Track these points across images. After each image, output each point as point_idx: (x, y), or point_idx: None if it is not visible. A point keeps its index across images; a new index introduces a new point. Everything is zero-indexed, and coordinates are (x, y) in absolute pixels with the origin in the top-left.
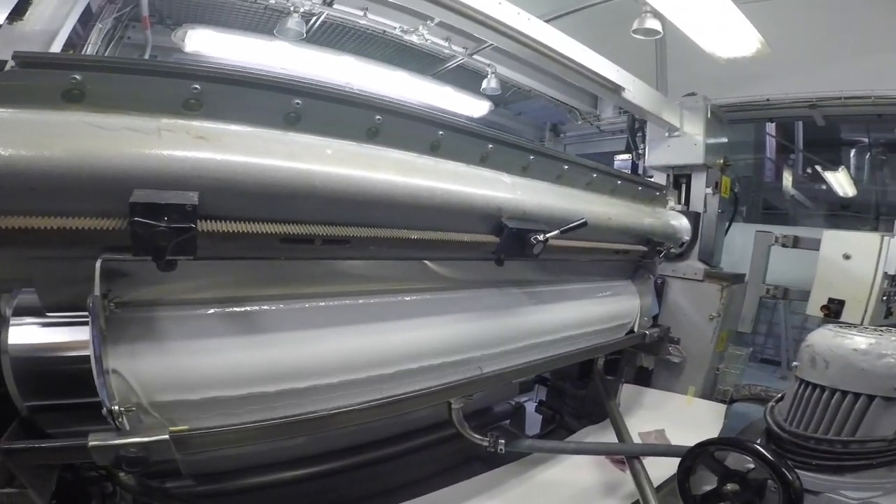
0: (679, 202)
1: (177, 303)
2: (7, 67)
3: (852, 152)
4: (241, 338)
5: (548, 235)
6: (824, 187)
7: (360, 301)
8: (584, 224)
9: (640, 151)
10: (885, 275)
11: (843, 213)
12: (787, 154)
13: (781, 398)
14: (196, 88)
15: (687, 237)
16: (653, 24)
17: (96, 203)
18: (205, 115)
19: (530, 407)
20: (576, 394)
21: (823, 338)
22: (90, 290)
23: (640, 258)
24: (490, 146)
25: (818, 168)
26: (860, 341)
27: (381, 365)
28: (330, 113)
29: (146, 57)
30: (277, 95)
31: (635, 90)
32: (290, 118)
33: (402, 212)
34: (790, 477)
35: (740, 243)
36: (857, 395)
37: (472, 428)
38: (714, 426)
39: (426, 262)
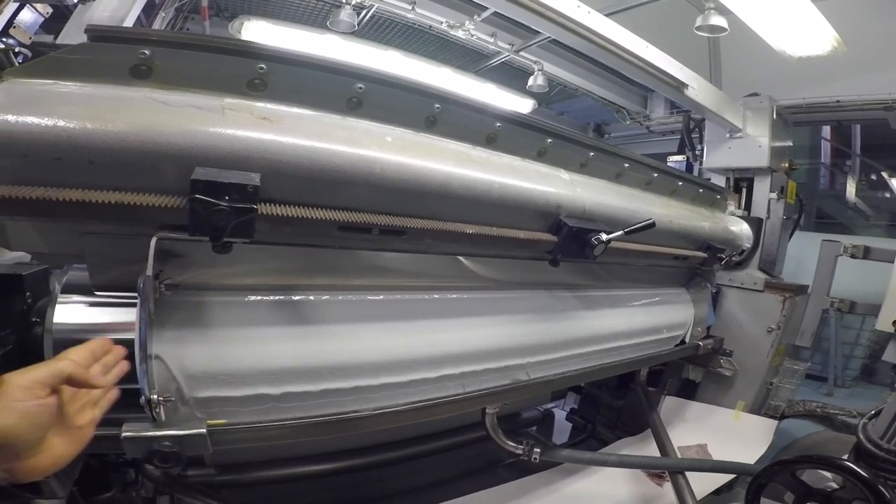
0: (739, 207)
1: (226, 288)
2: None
3: None
4: (289, 328)
5: (611, 236)
6: (888, 195)
7: (412, 297)
8: (652, 225)
9: (697, 152)
10: None
11: None
12: (842, 159)
13: (876, 415)
14: (262, 68)
15: (748, 244)
16: (718, 20)
17: (155, 179)
18: (268, 97)
19: (559, 414)
20: (612, 404)
21: None
22: (141, 269)
23: (699, 265)
24: (549, 140)
25: (884, 174)
26: None
27: (429, 366)
28: (391, 99)
29: None
30: (341, 79)
31: (699, 88)
32: (351, 103)
33: (458, 204)
34: (889, 496)
35: (795, 253)
36: None
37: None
38: (762, 443)
39: (475, 259)
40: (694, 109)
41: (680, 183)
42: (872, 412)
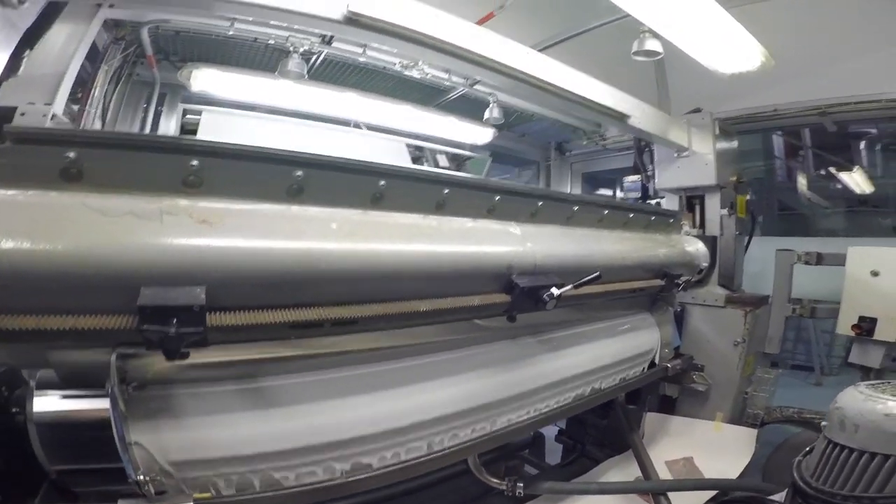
0: (694, 225)
1: (193, 379)
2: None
3: (862, 144)
4: (258, 412)
5: (561, 291)
6: (839, 186)
7: (374, 368)
8: (598, 277)
9: (650, 173)
10: None
11: (862, 209)
12: (797, 155)
13: (809, 451)
14: (194, 165)
15: (705, 263)
16: (653, 45)
17: (106, 299)
18: (206, 193)
19: (550, 434)
20: (597, 423)
21: (854, 401)
22: (108, 368)
23: (659, 291)
24: (497, 197)
25: (832, 170)
26: (893, 406)
27: (397, 433)
28: (333, 182)
29: (156, 94)
30: (278, 168)
31: (641, 115)
32: (292, 190)
33: (410, 282)
34: None
35: (759, 256)
36: (886, 457)
37: (489, 459)
38: (745, 451)
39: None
40: (639, 136)
41: (631, 214)
42: (808, 449)
